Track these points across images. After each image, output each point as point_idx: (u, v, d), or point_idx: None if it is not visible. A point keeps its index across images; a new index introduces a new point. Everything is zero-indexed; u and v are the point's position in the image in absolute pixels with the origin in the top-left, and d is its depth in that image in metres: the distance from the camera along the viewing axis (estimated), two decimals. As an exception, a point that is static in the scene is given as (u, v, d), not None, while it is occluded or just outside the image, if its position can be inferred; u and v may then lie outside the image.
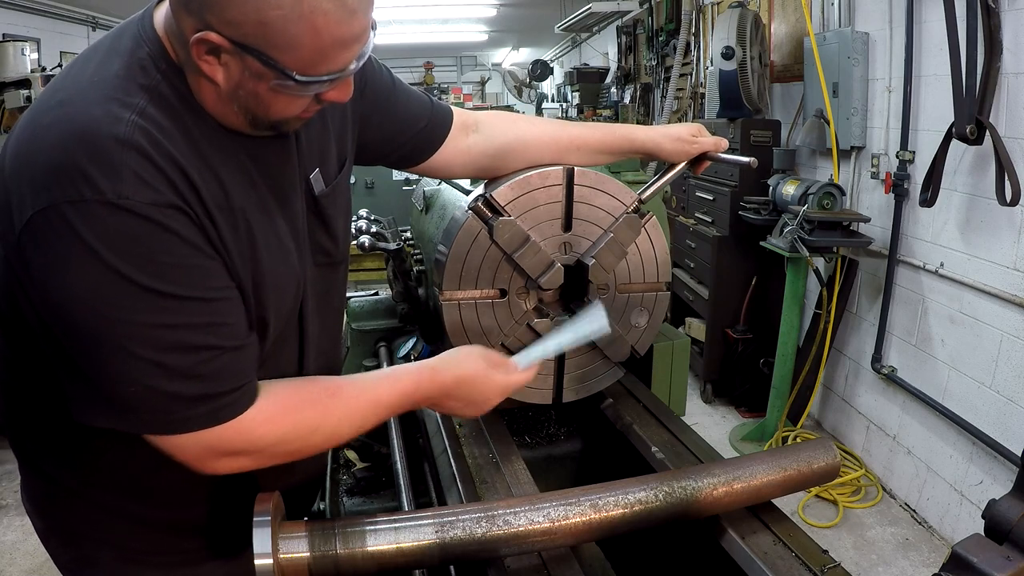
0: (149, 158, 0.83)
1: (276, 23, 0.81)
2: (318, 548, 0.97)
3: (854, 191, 3.74)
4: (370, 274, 4.58)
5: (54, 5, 7.44)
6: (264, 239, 0.98)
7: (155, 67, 0.89)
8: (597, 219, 1.42)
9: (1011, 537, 0.90)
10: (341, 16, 0.83)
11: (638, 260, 1.48)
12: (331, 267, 1.19)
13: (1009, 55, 2.66)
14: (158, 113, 0.87)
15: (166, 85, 0.89)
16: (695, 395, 4.55)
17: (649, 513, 1.11)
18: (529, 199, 1.36)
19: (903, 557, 3.03)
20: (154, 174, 0.83)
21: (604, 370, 1.54)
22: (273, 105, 0.91)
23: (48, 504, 1.11)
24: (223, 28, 0.82)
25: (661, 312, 1.53)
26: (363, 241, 2.24)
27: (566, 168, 1.37)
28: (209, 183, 0.90)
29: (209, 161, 0.91)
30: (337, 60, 0.88)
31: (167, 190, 0.84)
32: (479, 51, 16.45)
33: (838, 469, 1.27)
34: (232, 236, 0.93)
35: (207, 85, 0.89)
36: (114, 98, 0.85)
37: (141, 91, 0.87)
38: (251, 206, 0.97)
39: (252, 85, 0.88)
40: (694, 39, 5.76)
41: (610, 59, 8.85)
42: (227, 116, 0.93)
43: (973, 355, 2.95)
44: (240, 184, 0.95)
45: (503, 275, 1.40)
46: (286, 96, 0.90)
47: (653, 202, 1.94)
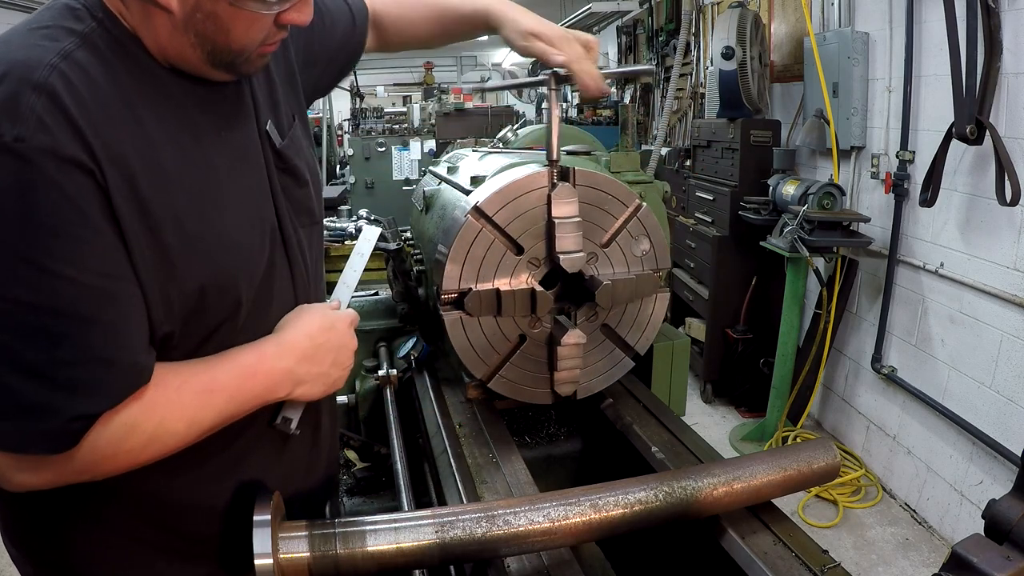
0: (59, 104, 0.75)
1: None
2: (318, 548, 0.97)
3: (854, 191, 3.74)
4: (370, 274, 4.57)
5: (54, 5, 7.43)
6: (214, 198, 0.90)
7: (90, 15, 0.84)
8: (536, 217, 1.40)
9: (1011, 537, 0.89)
10: None
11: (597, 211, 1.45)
12: (314, 226, 1.14)
13: (1009, 55, 2.66)
14: (87, 58, 0.80)
15: (100, 32, 0.83)
16: (695, 395, 4.55)
17: (649, 513, 1.10)
18: (472, 261, 1.37)
19: (903, 557, 3.03)
20: (60, 122, 0.75)
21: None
22: (233, 28, 0.86)
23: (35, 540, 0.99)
24: None
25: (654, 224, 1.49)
26: (363, 241, 2.24)
27: (473, 212, 1.36)
28: (136, 139, 0.81)
29: (141, 113, 0.83)
30: None
31: (70, 141, 0.75)
32: (479, 51, 16.43)
33: (838, 469, 1.27)
34: (161, 199, 0.83)
35: (160, 15, 0.83)
36: (39, 44, 0.79)
37: (70, 35, 0.81)
38: (194, 163, 0.88)
39: (210, 5, 0.82)
40: (694, 39, 5.76)
41: (610, 59, 8.84)
42: (183, 52, 0.87)
43: (973, 355, 2.95)
44: (181, 139, 0.88)
45: (509, 324, 1.43)
46: (247, 16, 0.85)
47: (652, 198, 1.94)
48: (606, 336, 1.53)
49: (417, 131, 8.57)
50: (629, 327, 1.54)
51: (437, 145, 7.31)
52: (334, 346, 1.04)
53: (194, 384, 0.89)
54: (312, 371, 1.02)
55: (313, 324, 1.03)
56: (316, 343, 1.02)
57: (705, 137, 4.66)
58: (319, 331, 1.03)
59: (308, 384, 1.02)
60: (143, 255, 0.82)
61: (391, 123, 9.00)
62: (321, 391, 1.05)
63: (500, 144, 2.42)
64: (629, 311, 1.52)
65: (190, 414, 0.89)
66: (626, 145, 7.32)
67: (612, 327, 1.52)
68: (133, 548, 0.99)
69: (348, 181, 7.34)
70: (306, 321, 1.03)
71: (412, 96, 14.93)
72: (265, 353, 0.97)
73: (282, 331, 1.02)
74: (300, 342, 1.00)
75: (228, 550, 1.06)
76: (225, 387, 0.92)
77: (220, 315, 0.94)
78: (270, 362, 0.97)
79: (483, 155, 2.03)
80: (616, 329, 1.53)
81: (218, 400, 0.91)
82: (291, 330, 1.02)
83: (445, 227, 1.50)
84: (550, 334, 1.45)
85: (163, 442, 0.87)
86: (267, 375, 0.96)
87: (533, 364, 1.47)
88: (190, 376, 0.90)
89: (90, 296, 0.77)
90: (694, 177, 4.84)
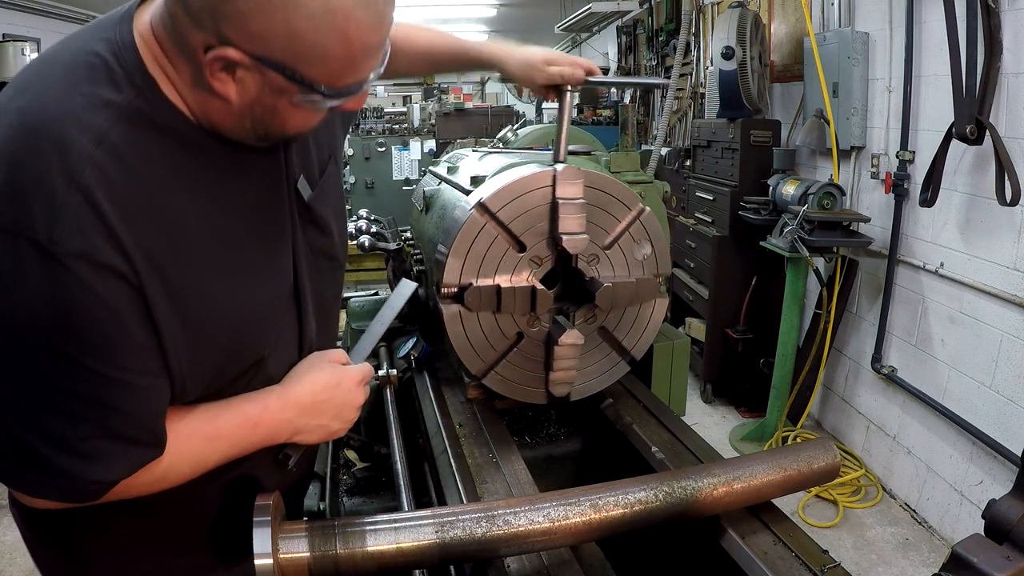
0: (93, 204, 0.76)
1: (307, 34, 0.76)
2: (318, 548, 0.97)
3: (854, 191, 3.74)
4: (370, 274, 4.57)
5: (54, 5, 7.44)
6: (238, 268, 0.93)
7: (128, 82, 0.82)
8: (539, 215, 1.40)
9: (1011, 537, 0.89)
10: (372, 22, 0.79)
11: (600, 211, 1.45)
12: (334, 271, 1.16)
13: (1009, 55, 2.66)
14: (121, 137, 0.80)
15: (138, 103, 0.82)
16: (695, 395, 4.55)
17: (649, 513, 1.11)
18: (473, 256, 1.37)
19: (903, 557, 3.03)
20: (94, 225, 0.76)
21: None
22: (291, 120, 0.87)
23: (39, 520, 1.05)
24: (244, 43, 0.77)
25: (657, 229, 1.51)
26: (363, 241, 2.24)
27: (478, 207, 1.36)
28: (167, 224, 0.83)
29: (173, 193, 0.84)
30: (364, 69, 0.84)
31: (104, 246, 0.77)
32: (479, 51, 16.43)
33: (838, 469, 1.27)
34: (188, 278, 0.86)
35: (215, 102, 0.84)
36: (76, 117, 0.78)
37: (106, 109, 0.80)
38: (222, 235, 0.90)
39: (271, 100, 0.83)
40: (694, 39, 5.75)
41: (610, 59, 8.84)
42: (234, 131, 0.88)
43: (973, 355, 2.95)
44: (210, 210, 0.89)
45: (507, 321, 1.43)
46: (306, 110, 0.86)
47: (652, 198, 1.94)
48: (603, 339, 1.53)
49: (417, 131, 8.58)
50: (627, 331, 1.54)
51: (437, 145, 7.32)
52: (336, 403, 1.07)
53: (200, 433, 0.94)
54: (312, 423, 1.05)
55: (319, 381, 1.05)
56: (318, 399, 1.05)
57: (705, 137, 4.66)
58: (323, 388, 1.05)
59: (307, 434, 1.06)
60: (173, 337, 0.85)
61: (391, 123, 9.00)
62: (320, 439, 1.10)
63: (500, 144, 2.42)
64: (628, 315, 1.52)
65: (196, 459, 0.95)
66: (626, 145, 7.32)
67: (610, 330, 1.52)
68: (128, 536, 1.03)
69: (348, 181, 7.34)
70: (313, 376, 1.06)
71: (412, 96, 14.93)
72: (268, 405, 1.00)
73: (289, 383, 1.05)
74: (302, 397, 1.03)
75: (221, 540, 1.08)
76: (229, 435, 0.97)
77: (236, 372, 0.98)
78: (272, 414, 1.01)
79: (483, 155, 2.03)
80: (614, 332, 1.52)
81: (222, 445, 0.97)
82: (296, 384, 1.04)
83: (445, 227, 1.50)
84: (548, 333, 1.45)
85: (170, 480, 0.94)
86: (268, 426, 1.00)
87: (529, 363, 1.47)
88: (198, 425, 0.94)
89: (113, 388, 0.81)
90: (694, 177, 4.84)
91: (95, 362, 0.79)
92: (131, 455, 0.86)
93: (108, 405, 0.82)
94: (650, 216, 1.49)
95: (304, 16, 0.75)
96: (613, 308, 1.48)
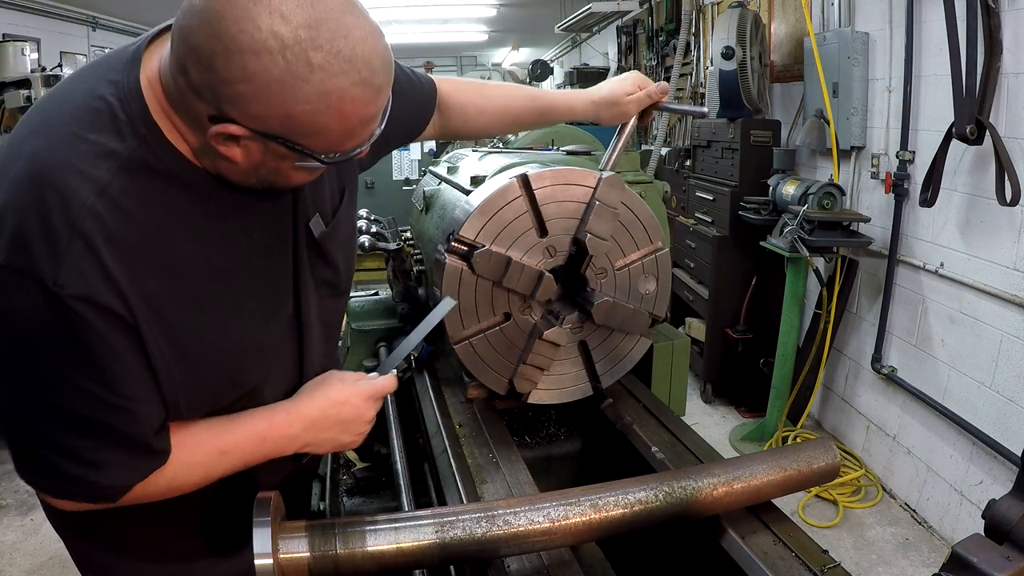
0: (94, 251, 0.80)
1: (304, 116, 0.79)
2: (318, 548, 0.97)
3: (854, 191, 3.74)
4: (370, 274, 4.57)
5: (54, 5, 7.44)
6: (237, 307, 0.96)
7: (131, 130, 0.85)
8: (570, 211, 1.41)
9: (1011, 537, 0.89)
10: (368, 97, 0.82)
11: (625, 233, 1.47)
12: (335, 297, 1.18)
13: (1009, 55, 2.66)
14: (121, 188, 0.83)
15: (141, 151, 0.85)
16: (695, 395, 4.55)
17: (649, 513, 1.11)
18: (496, 221, 1.36)
19: (903, 557, 3.03)
20: (94, 269, 0.81)
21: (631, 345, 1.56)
22: (295, 177, 0.91)
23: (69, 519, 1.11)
24: (244, 120, 0.80)
25: (667, 272, 1.52)
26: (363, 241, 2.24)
27: (520, 178, 1.37)
28: (166, 270, 0.87)
29: (174, 237, 0.88)
30: (362, 135, 0.87)
31: (104, 290, 0.81)
32: (479, 51, 16.44)
33: (838, 469, 1.27)
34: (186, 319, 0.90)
35: (223, 162, 0.87)
36: (79, 170, 0.81)
37: (110, 159, 0.83)
38: (221, 276, 0.94)
39: (274, 164, 0.87)
40: (694, 39, 5.75)
41: (610, 59, 8.84)
42: (241, 183, 0.92)
43: (973, 355, 2.95)
44: (210, 252, 0.92)
45: (501, 300, 1.41)
46: (309, 170, 0.91)
47: (652, 198, 1.95)
48: (579, 353, 1.53)
49: (417, 131, 8.53)
50: (603, 355, 1.53)
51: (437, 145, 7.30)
52: (344, 419, 1.09)
53: (209, 447, 0.99)
54: (320, 437, 1.08)
55: (328, 397, 1.08)
56: (326, 414, 1.07)
57: (705, 137, 4.66)
58: (331, 404, 1.08)
59: (315, 447, 1.09)
60: (168, 371, 0.90)
61: (391, 123, 8.96)
62: (329, 451, 1.14)
63: (500, 144, 2.42)
64: (611, 340, 1.52)
65: (205, 471, 1.00)
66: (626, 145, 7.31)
67: (589, 347, 1.52)
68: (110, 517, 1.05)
69: (348, 181, 7.33)
70: (322, 393, 1.08)
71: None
72: (275, 421, 1.04)
73: (298, 399, 1.08)
74: (310, 412, 1.06)
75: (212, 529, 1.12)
76: (237, 449, 1.01)
77: (231, 399, 1.02)
78: (279, 429, 1.04)
79: (483, 155, 2.03)
80: (592, 351, 1.52)
81: (230, 460, 1.01)
82: (305, 400, 1.08)
83: (445, 227, 1.50)
84: (535, 325, 1.45)
85: (180, 488, 0.99)
86: (275, 441, 1.04)
87: (505, 347, 1.46)
88: (206, 439, 0.99)
89: (114, 411, 0.87)
90: (694, 177, 4.84)
91: (97, 388, 0.85)
92: (135, 465, 0.92)
93: (110, 424, 0.88)
94: (665, 256, 1.51)
95: (300, 100, 0.78)
96: (602, 326, 1.48)
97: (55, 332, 0.82)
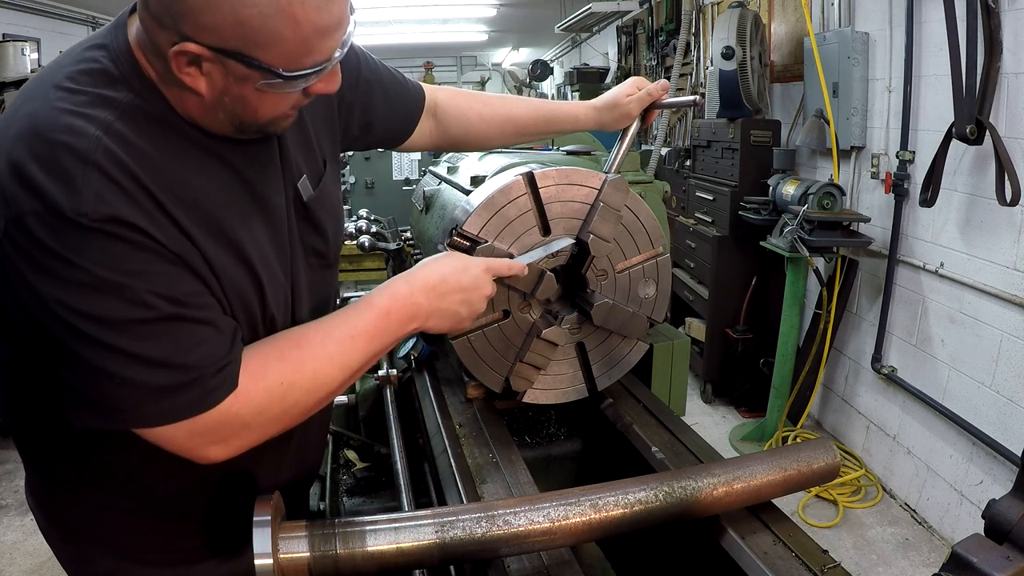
0: (110, 177, 0.81)
1: (254, 20, 0.79)
2: (318, 548, 0.97)
3: (854, 191, 3.74)
4: (370, 274, 4.57)
5: (54, 5, 7.44)
6: (242, 246, 0.96)
7: (127, 85, 0.87)
8: (574, 211, 1.41)
9: (1011, 537, 0.89)
10: (319, 3, 0.82)
11: (627, 236, 1.47)
12: (324, 268, 1.18)
13: (1009, 55, 2.66)
14: (126, 129, 0.85)
15: (137, 102, 0.87)
16: (695, 395, 4.55)
17: (649, 513, 1.11)
18: (500, 218, 1.36)
19: (903, 557, 3.03)
20: (115, 193, 0.81)
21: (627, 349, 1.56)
22: (261, 106, 0.90)
23: (48, 500, 1.11)
24: (200, 36, 0.81)
25: (667, 277, 1.52)
26: (363, 241, 2.25)
27: (525, 176, 1.37)
28: (179, 201, 0.87)
29: (180, 177, 0.89)
30: (321, 50, 0.86)
31: (127, 208, 0.82)
32: (479, 51, 16.43)
33: (838, 469, 1.27)
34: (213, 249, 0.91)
35: (191, 97, 0.88)
36: (82, 113, 0.83)
37: (110, 107, 0.85)
38: (229, 217, 0.94)
39: (237, 89, 0.87)
40: (694, 39, 5.76)
41: (610, 59, 8.84)
42: (213, 124, 0.92)
43: (973, 355, 2.95)
44: (217, 195, 0.93)
45: (501, 297, 1.41)
46: (274, 95, 0.89)
47: (652, 198, 1.95)
48: (576, 354, 1.53)
49: (417, 131, 8.53)
50: (600, 358, 1.53)
51: (437, 145, 7.29)
52: (463, 286, 1.10)
53: (336, 334, 0.99)
54: (440, 306, 1.09)
55: (447, 265, 1.11)
56: (446, 280, 1.09)
57: (705, 137, 4.66)
58: (452, 271, 1.10)
59: (436, 318, 1.10)
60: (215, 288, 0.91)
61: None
62: (448, 327, 1.14)
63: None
64: (608, 343, 1.52)
65: (339, 361, 0.98)
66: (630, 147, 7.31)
67: (587, 349, 1.52)
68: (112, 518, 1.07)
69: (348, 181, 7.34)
70: (441, 261, 1.11)
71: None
72: (397, 293, 1.05)
73: (416, 269, 1.10)
74: (430, 277, 1.08)
75: (213, 529, 1.11)
76: (365, 330, 1.01)
77: None
78: (401, 299, 1.05)
79: (483, 155, 2.03)
80: (589, 352, 1.52)
81: (361, 343, 1.01)
82: (424, 268, 1.10)
83: (445, 227, 1.50)
84: (534, 323, 1.45)
85: (324, 389, 0.98)
86: (400, 311, 1.04)
87: (503, 345, 1.45)
88: (331, 328, 1.00)
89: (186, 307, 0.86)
90: (694, 177, 4.84)
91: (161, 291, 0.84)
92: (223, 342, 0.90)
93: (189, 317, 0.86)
94: (666, 261, 1.51)
95: (248, 4, 0.79)
96: (600, 328, 1.48)
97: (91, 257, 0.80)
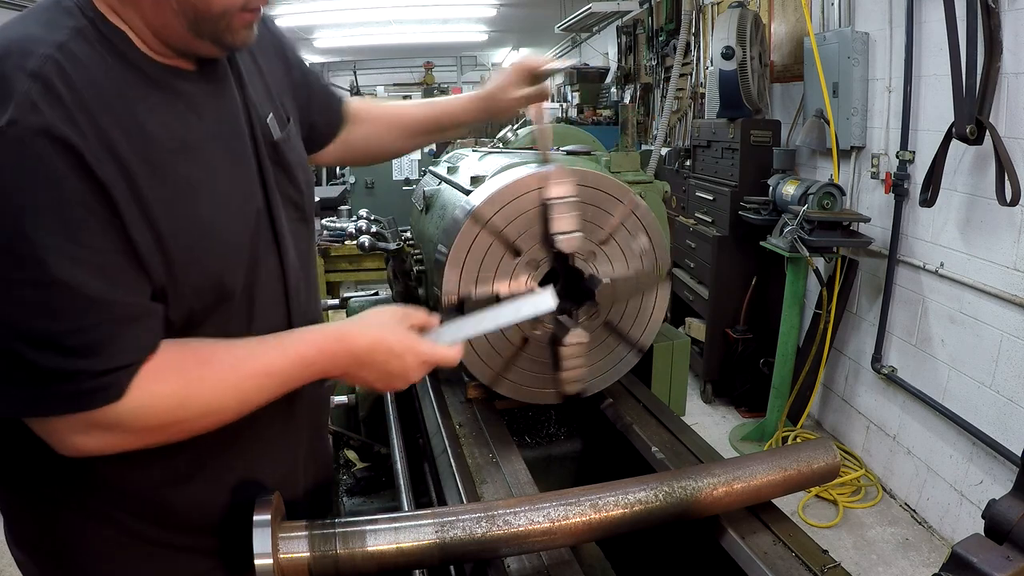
0: (53, 90, 0.76)
1: None
2: (318, 548, 0.97)
3: (854, 191, 3.74)
4: (370, 274, 4.56)
5: (54, 5, 7.43)
6: (188, 181, 0.90)
7: (81, 13, 0.86)
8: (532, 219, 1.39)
9: (1011, 537, 0.89)
10: None
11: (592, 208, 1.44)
12: (301, 222, 1.15)
13: (1009, 55, 2.66)
14: (80, 49, 0.82)
15: (92, 29, 0.85)
16: (695, 395, 4.55)
17: (649, 513, 1.11)
18: (470, 265, 1.37)
19: (903, 557, 3.03)
20: (53, 104, 0.76)
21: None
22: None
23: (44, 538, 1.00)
24: None
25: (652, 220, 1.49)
26: (363, 241, 2.24)
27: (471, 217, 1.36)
28: (129, 129, 0.83)
29: (134, 105, 0.85)
30: None
31: (62, 122, 0.76)
32: (479, 51, 16.42)
33: (838, 469, 1.27)
34: (153, 186, 0.84)
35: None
36: (34, 30, 0.82)
37: (65, 29, 0.83)
38: (177, 150, 0.89)
39: None
40: (694, 39, 5.75)
41: (610, 59, 8.84)
42: (168, 24, 0.88)
43: (973, 355, 2.95)
44: (172, 130, 0.89)
45: (512, 329, 1.41)
46: None
47: (651, 198, 1.94)
48: (609, 333, 1.53)
49: (417, 131, 8.52)
50: (631, 322, 1.53)
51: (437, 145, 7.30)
52: (391, 371, 1.04)
53: (249, 366, 0.93)
54: (359, 374, 1.04)
55: (384, 340, 1.02)
56: (375, 358, 1.02)
57: (705, 137, 4.66)
58: (384, 350, 1.02)
59: (350, 379, 1.05)
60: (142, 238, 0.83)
61: (391, 123, 8.96)
62: (361, 386, 1.13)
63: (500, 144, 2.42)
64: (630, 307, 1.52)
65: (243, 395, 0.93)
66: (626, 145, 7.31)
67: (614, 323, 1.52)
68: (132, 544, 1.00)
69: (348, 181, 7.34)
70: (382, 334, 1.03)
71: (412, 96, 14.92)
72: (325, 348, 0.99)
73: (354, 326, 1.03)
74: (360, 349, 1.01)
75: (227, 547, 1.06)
76: (280, 372, 0.95)
77: (204, 304, 0.94)
78: (327, 355, 0.99)
79: (483, 155, 2.03)
80: (618, 325, 1.52)
81: (271, 383, 0.95)
82: (362, 333, 1.02)
83: (445, 227, 1.50)
84: (552, 335, 1.45)
85: (216, 416, 0.92)
86: (320, 365, 0.99)
87: (537, 365, 1.47)
88: (247, 358, 0.93)
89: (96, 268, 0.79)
90: (694, 177, 4.83)
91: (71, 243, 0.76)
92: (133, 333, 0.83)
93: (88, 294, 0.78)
94: (644, 208, 1.48)
95: None
96: (615, 303, 1.48)
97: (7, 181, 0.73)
